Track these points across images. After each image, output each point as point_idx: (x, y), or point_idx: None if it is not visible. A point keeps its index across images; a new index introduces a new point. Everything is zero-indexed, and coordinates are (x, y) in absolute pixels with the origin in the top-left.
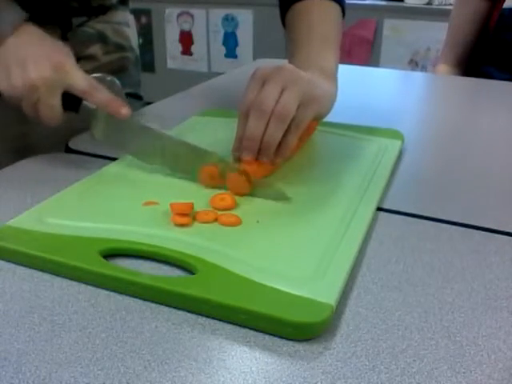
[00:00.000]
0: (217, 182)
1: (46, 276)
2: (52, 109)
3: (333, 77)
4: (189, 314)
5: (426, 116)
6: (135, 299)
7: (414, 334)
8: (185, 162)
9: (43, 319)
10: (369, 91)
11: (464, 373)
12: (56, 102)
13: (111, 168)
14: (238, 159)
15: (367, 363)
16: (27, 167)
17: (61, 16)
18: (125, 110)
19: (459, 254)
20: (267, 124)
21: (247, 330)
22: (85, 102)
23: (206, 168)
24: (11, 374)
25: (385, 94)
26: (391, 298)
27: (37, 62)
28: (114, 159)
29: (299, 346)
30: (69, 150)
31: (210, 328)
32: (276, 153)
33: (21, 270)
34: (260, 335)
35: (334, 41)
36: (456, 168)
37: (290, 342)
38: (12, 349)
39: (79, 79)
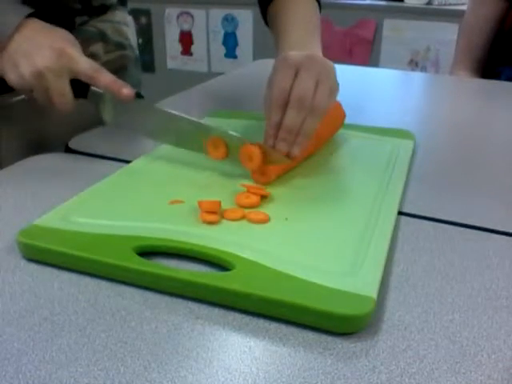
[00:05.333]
0: (222, 153)
1: (46, 276)
2: (63, 95)
3: None
4: (189, 314)
5: (426, 117)
6: (135, 299)
7: (414, 333)
8: (191, 137)
9: (43, 319)
10: (369, 92)
11: (464, 373)
12: (65, 87)
13: (129, 169)
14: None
15: (367, 363)
16: (27, 167)
17: (64, 16)
18: (127, 91)
19: (459, 254)
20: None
21: (247, 330)
22: (92, 88)
23: (210, 139)
24: (11, 373)
25: (385, 95)
26: (391, 298)
27: (41, 51)
28: (113, 159)
29: (299, 347)
30: (69, 150)
31: (210, 328)
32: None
33: (20, 270)
34: (260, 335)
35: (318, 32)
36: (456, 168)
37: (290, 343)
38: (12, 349)
39: (83, 64)
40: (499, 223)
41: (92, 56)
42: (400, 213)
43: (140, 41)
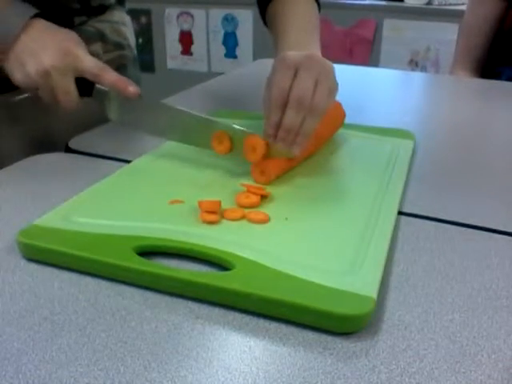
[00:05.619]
0: (226, 147)
1: (46, 276)
2: (68, 93)
3: None
4: (189, 314)
5: (426, 117)
6: (135, 299)
7: (414, 333)
8: (197, 132)
9: (43, 319)
10: (369, 92)
11: (464, 372)
12: (70, 85)
13: (129, 168)
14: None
15: (367, 363)
16: (27, 167)
17: (63, 15)
18: (132, 88)
19: (459, 254)
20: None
21: (247, 330)
22: (98, 86)
23: (215, 134)
24: (11, 373)
25: (385, 95)
26: (391, 298)
27: (47, 50)
28: (114, 159)
29: (299, 347)
30: (69, 150)
31: (210, 328)
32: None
33: (20, 270)
34: (260, 335)
35: (317, 32)
36: (456, 168)
37: (290, 342)
38: (12, 349)
39: (88, 62)
40: (500, 223)
41: (92, 55)
42: (400, 213)
43: (140, 41)
